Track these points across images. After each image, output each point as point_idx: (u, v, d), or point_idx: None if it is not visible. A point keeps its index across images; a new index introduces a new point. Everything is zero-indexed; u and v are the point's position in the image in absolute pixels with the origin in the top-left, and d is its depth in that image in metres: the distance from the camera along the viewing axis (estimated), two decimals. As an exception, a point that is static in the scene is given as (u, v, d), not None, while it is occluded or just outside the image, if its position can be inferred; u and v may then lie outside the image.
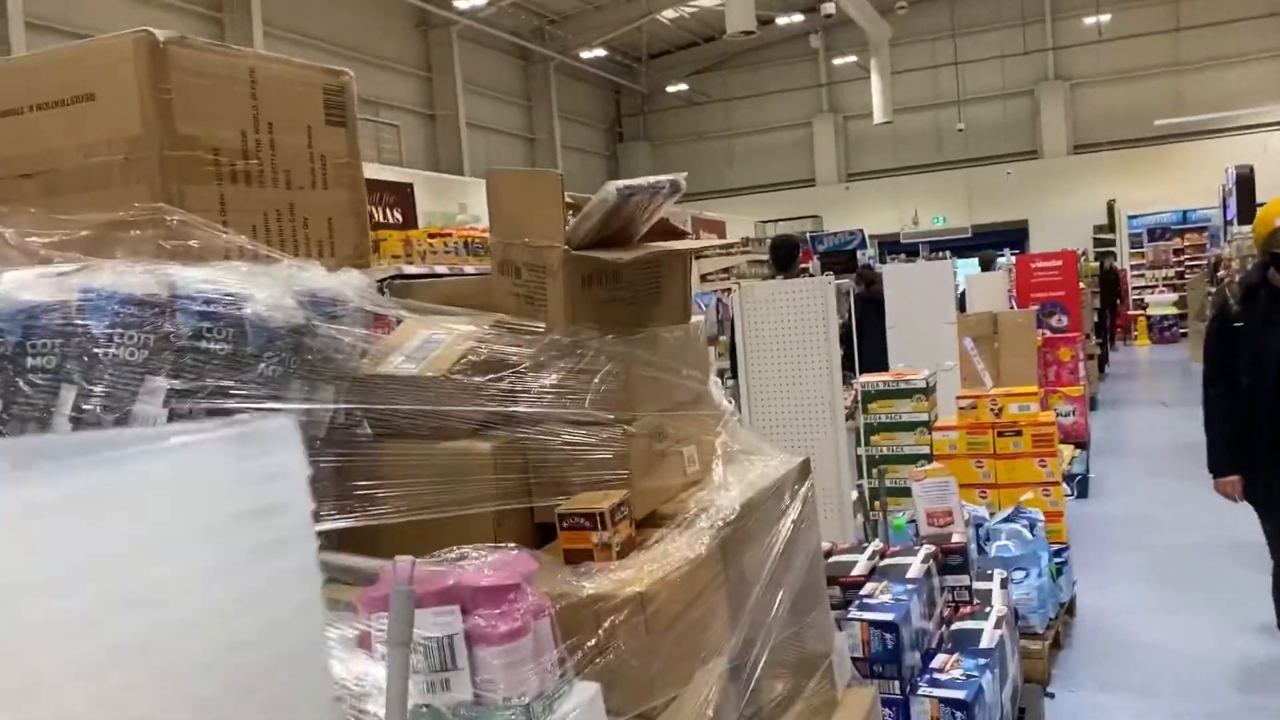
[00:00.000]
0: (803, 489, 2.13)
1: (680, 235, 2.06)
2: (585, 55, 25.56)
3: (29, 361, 1.53)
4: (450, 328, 1.96)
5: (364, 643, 1.47)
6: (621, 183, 1.79)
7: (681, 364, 2.03)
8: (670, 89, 28.81)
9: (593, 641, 1.55)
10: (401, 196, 8.05)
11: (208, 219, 1.69)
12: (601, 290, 1.95)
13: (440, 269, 5.77)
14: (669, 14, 24.69)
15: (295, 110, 1.88)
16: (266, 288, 1.65)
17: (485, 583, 1.46)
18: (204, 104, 1.70)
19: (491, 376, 1.85)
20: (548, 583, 1.60)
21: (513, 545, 1.58)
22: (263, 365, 1.64)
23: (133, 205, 1.64)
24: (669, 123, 29.94)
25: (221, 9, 16.97)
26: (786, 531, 2.04)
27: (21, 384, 1.53)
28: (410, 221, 7.87)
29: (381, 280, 2.27)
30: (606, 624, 1.57)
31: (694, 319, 2.14)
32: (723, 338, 10.04)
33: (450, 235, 6.72)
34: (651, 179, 1.84)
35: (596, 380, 1.87)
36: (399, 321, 2.02)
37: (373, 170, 13.68)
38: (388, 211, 7.55)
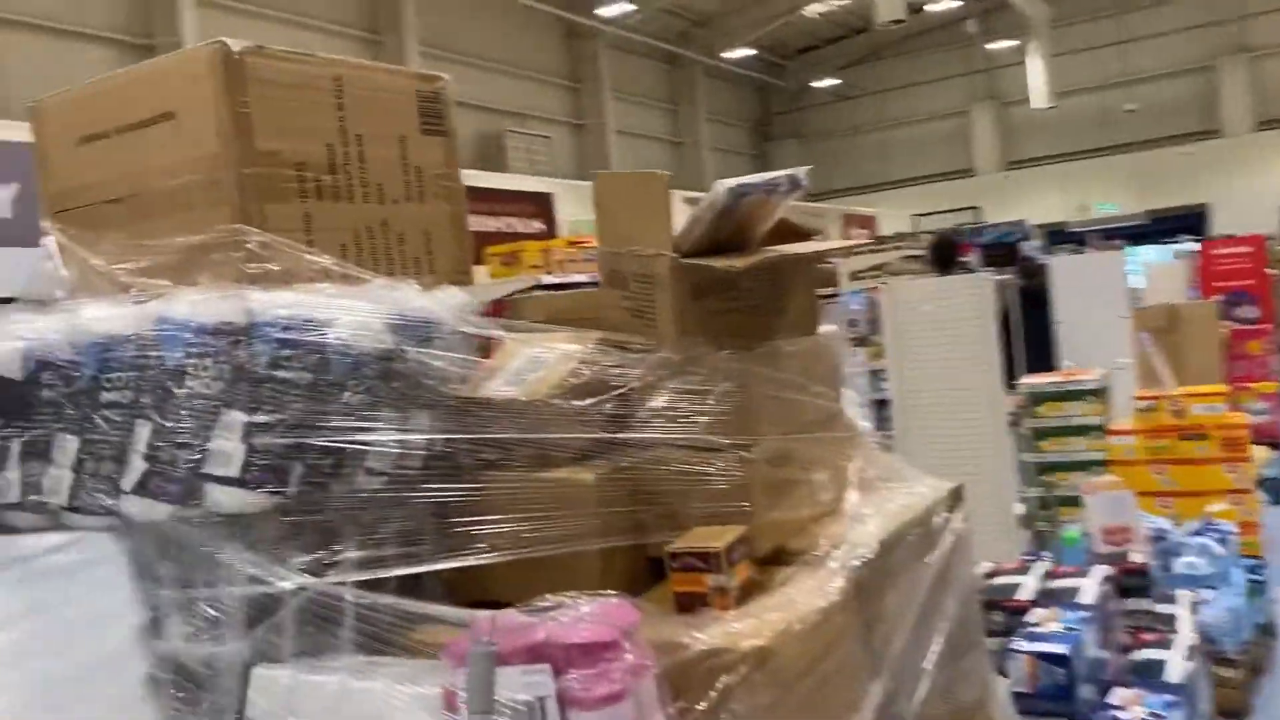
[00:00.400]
0: (953, 519, 1.89)
1: (805, 236, 1.85)
2: (731, 55, 25.33)
3: (104, 396, 1.46)
4: (554, 346, 1.80)
5: (449, 702, 1.32)
6: (732, 181, 1.61)
7: (809, 380, 1.83)
8: (819, 84, 28.28)
9: (705, 704, 1.36)
10: (542, 206, 8.04)
11: (292, 239, 1.59)
12: (716, 301, 1.76)
13: (580, 277, 5.69)
14: (817, 8, 24.19)
15: (387, 120, 1.76)
16: (351, 311, 1.54)
17: (579, 639, 1.30)
18: (286, 117, 1.61)
19: (594, 400, 1.69)
20: (654, 634, 1.43)
21: (613, 592, 1.41)
22: (347, 394, 1.52)
23: (214, 227, 1.55)
24: (819, 118, 29.40)
25: (379, 31, 17.51)
26: (934, 569, 1.81)
27: (98, 420, 1.46)
28: (551, 231, 7.84)
29: (521, 291, 2.15)
30: (722, 683, 1.38)
31: (825, 329, 1.93)
32: (876, 338, 9.67)
33: (589, 243, 6.65)
34: (768, 175, 1.64)
35: (711, 401, 1.68)
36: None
37: (515, 182, 13.86)
38: (528, 222, 7.54)
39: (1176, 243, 13.16)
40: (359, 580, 1.54)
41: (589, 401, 1.69)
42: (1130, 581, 3.43)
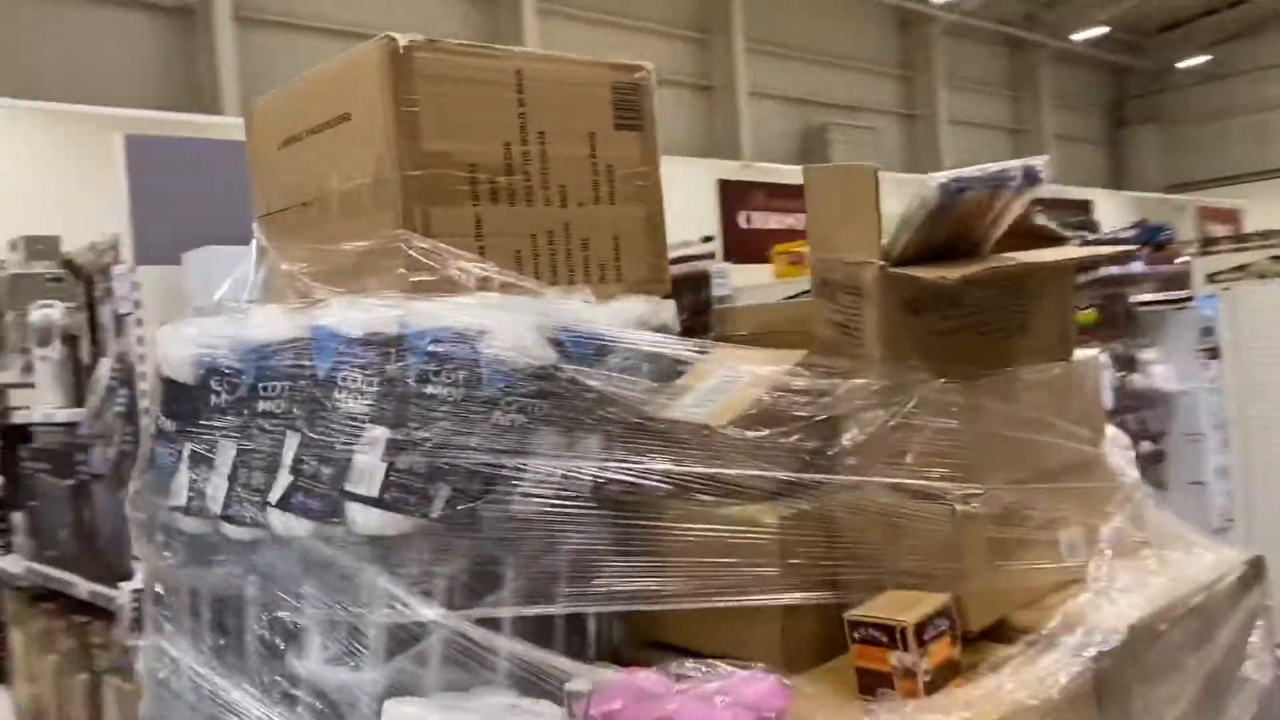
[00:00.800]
0: (1247, 602, 1.49)
1: (1056, 241, 1.52)
2: (1080, 36, 23.42)
3: (260, 405, 1.43)
4: (748, 367, 1.60)
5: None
6: (945, 175, 1.33)
7: (1056, 416, 1.50)
8: (1184, 64, 25.53)
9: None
10: None
11: (460, 244, 1.49)
12: (935, 318, 1.48)
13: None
14: (1184, -21, 21.86)
15: (574, 115, 1.63)
16: (508, 324, 1.42)
17: (704, 721, 1.10)
18: (458, 115, 1.51)
19: (781, 430, 1.47)
20: (812, 716, 1.20)
21: (764, 665, 1.20)
22: (498, 413, 1.40)
23: (380, 232, 1.48)
24: (1183, 101, 26.54)
25: (708, 30, 17.72)
26: (1216, 664, 1.43)
27: (254, 429, 1.43)
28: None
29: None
30: (884, 793, 1.13)
31: (1084, 354, 1.58)
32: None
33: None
34: (995, 167, 1.35)
35: (921, 439, 1.41)
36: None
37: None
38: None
39: None
40: (511, 614, 1.43)
41: (766, 433, 1.47)
42: None
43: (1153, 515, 1.57)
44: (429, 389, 1.37)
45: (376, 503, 1.35)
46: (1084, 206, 16.17)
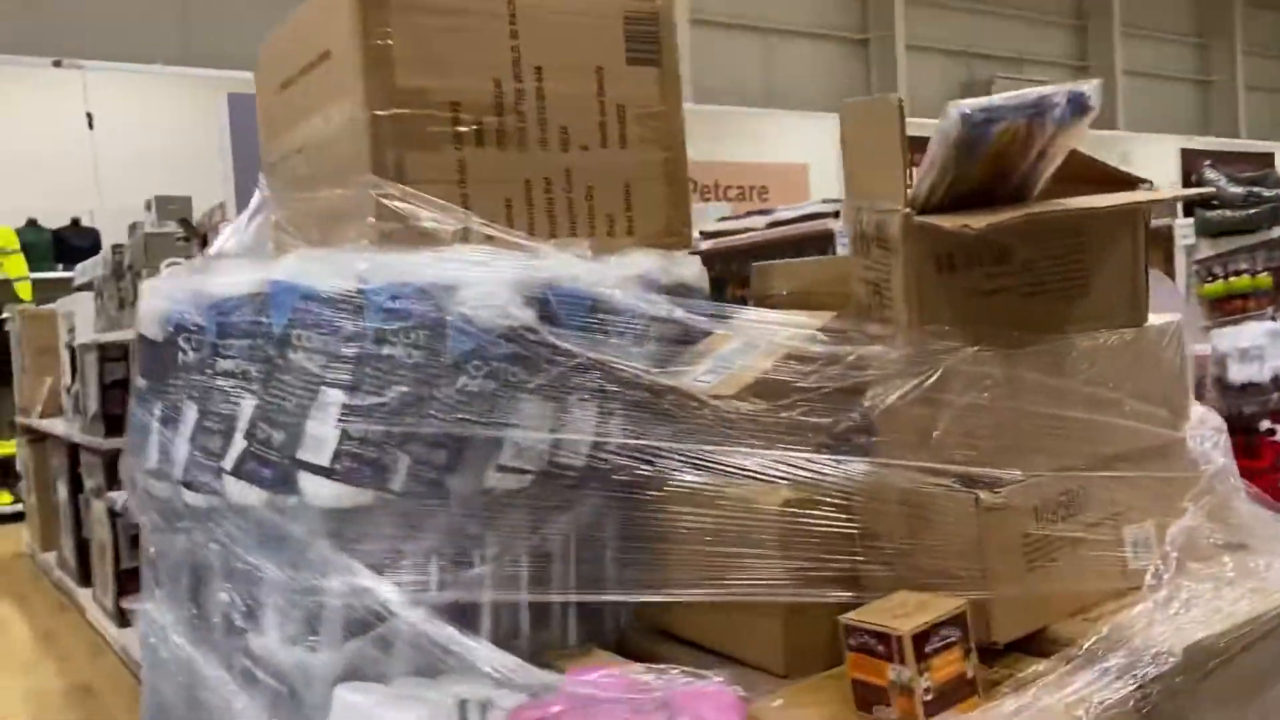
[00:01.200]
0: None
1: (1127, 184, 1.27)
2: (1285, -26, 21.48)
3: (220, 364, 1.34)
4: (771, 331, 1.41)
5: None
6: (970, 104, 1.11)
7: (1122, 393, 1.26)
8: (1405, 3, 23.08)
9: None
10: None
11: (442, 191, 1.36)
12: (978, 275, 1.26)
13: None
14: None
15: (579, 48, 1.47)
16: (480, 280, 1.28)
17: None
18: (439, 48, 1.38)
19: (782, 403, 1.28)
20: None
21: (718, 677, 1.04)
22: (464, 378, 1.27)
23: (352, 179, 1.37)
24: (1399, 47, 24.05)
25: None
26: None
27: (214, 390, 1.34)
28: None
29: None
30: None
31: (1162, 319, 1.33)
32: None
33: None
34: (1034, 92, 1.11)
35: (947, 415, 1.21)
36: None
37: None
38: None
39: None
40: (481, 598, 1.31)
41: (764, 406, 1.29)
42: None
43: (1244, 512, 1.31)
44: (386, 350, 1.25)
45: (328, 473, 1.24)
46: (1268, 159, 14.83)
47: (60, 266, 7.21)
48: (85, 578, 4.35)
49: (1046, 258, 1.27)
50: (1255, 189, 4.83)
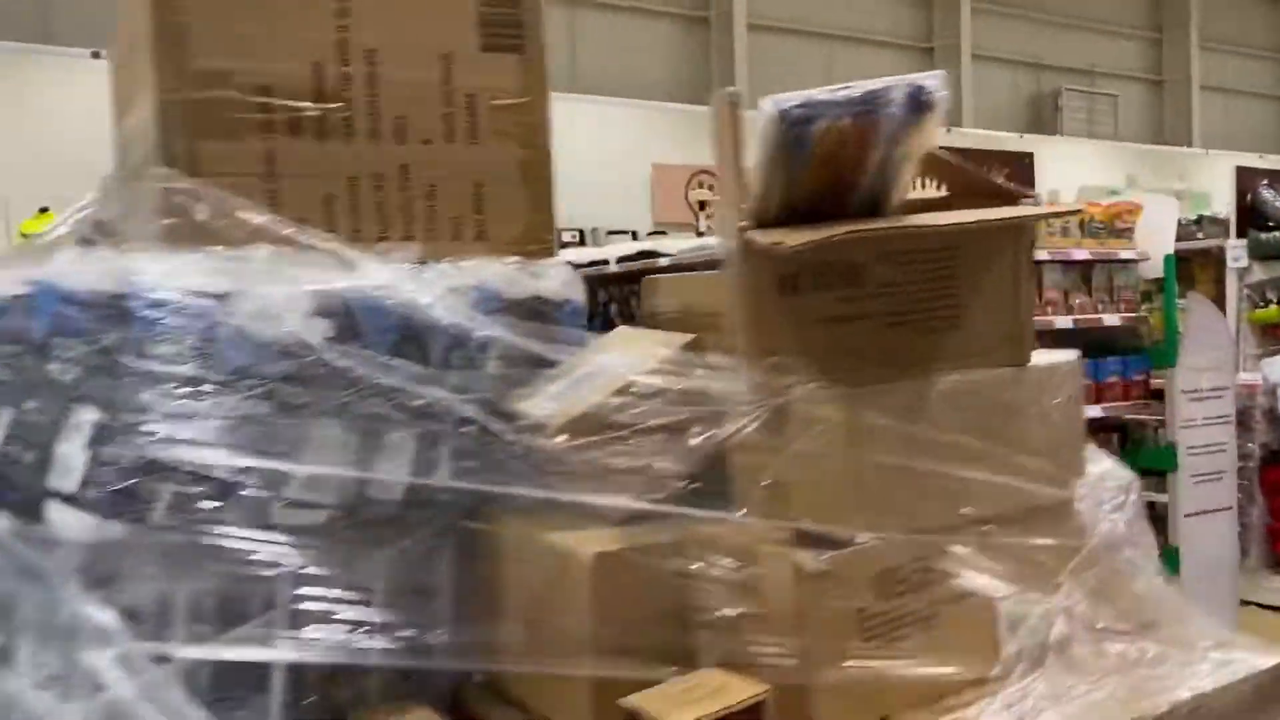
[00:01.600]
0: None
1: (1007, 199, 1.07)
2: (1371, -9, 20.57)
3: (-12, 373, 1.20)
4: (615, 357, 1.24)
5: None
6: (786, 97, 0.92)
7: (993, 443, 1.06)
8: None
9: None
10: (1018, 168, 6.90)
11: (244, 186, 1.21)
12: (827, 299, 1.07)
13: (1042, 255, 4.71)
14: None
15: (422, 30, 1.31)
16: (260, 288, 1.13)
17: None
18: (246, 27, 1.23)
19: (603, 439, 1.11)
20: None
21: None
22: (237, 399, 1.11)
23: (147, 170, 1.22)
24: None
25: None
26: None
27: (-22, 401, 1.20)
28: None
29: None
30: None
31: (1055, 357, 1.13)
32: None
33: (1080, 211, 5.48)
34: (862, 87, 0.93)
35: (776, 463, 1.02)
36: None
37: (987, 140, 12.37)
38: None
39: None
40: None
41: (597, 440, 1.11)
42: None
43: (1141, 588, 1.10)
44: (146, 364, 1.10)
45: (73, 501, 1.10)
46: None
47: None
48: None
49: (909, 282, 1.07)
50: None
